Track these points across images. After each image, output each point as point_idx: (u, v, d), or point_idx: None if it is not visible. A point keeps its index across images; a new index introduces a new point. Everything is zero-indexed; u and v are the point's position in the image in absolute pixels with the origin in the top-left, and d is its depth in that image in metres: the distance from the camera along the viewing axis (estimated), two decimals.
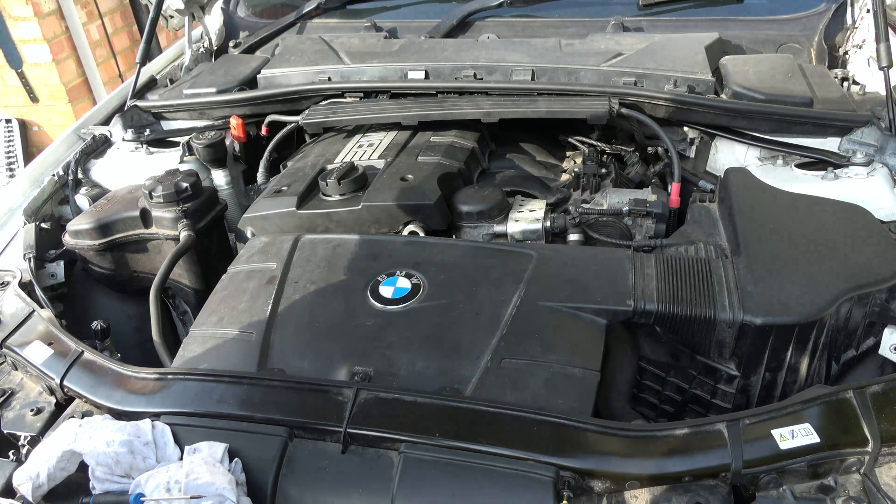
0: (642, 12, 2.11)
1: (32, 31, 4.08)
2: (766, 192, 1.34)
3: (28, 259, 1.41)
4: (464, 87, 1.71)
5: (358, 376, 1.03)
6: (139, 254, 1.55)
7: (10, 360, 1.17)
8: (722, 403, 1.16)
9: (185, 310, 1.61)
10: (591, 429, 0.90)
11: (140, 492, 0.86)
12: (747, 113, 1.54)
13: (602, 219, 1.45)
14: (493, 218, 1.42)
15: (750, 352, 1.08)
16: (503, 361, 1.03)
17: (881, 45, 1.55)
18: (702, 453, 0.86)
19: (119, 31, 4.72)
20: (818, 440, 0.85)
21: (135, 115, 1.90)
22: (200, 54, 2.29)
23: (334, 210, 1.40)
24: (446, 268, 1.21)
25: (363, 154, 1.61)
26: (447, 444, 0.89)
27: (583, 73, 1.73)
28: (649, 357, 1.21)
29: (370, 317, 1.13)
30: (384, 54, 1.91)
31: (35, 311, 1.22)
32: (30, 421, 1.07)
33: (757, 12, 2.09)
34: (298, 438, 0.93)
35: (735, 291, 1.09)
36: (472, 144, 1.65)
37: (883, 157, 1.46)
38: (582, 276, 1.17)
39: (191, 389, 1.01)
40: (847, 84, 1.73)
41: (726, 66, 1.73)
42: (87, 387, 1.06)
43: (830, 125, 1.50)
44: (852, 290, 1.08)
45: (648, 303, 1.09)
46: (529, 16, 2.18)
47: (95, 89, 4.49)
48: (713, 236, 1.31)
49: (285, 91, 1.80)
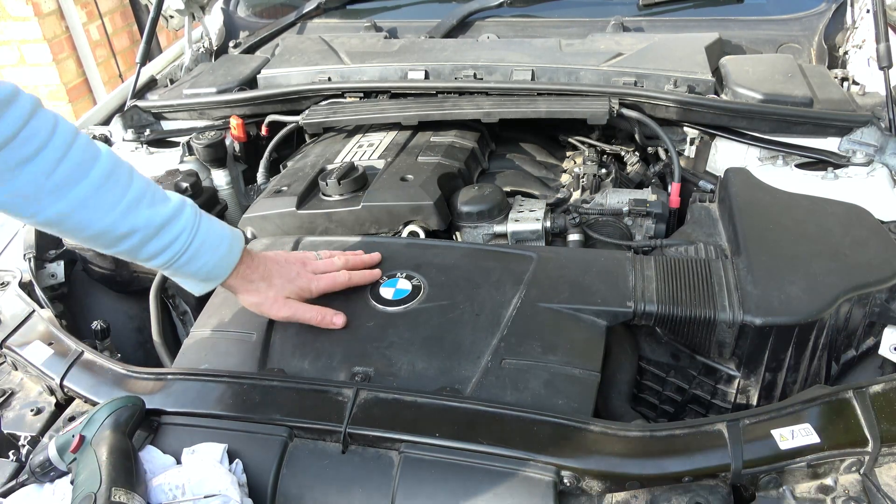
0: (642, 12, 2.11)
1: (32, 31, 4.08)
2: (766, 192, 1.34)
3: (28, 259, 1.41)
4: (464, 87, 1.71)
5: (358, 376, 1.03)
6: None
7: (10, 360, 1.17)
8: (722, 403, 1.16)
9: (185, 310, 1.61)
10: (591, 429, 0.90)
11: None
12: (747, 113, 1.54)
13: (602, 219, 1.45)
14: (493, 218, 1.42)
15: (750, 352, 1.08)
16: (503, 362, 1.03)
17: (881, 45, 1.55)
18: (702, 453, 0.87)
19: (119, 31, 4.72)
20: (818, 440, 0.85)
21: (135, 115, 1.90)
22: (200, 54, 2.29)
23: (334, 210, 1.40)
24: (447, 269, 1.22)
25: (363, 154, 1.61)
26: (447, 444, 0.89)
27: (583, 73, 1.73)
28: (649, 357, 1.21)
29: (371, 318, 1.14)
30: (384, 54, 1.91)
31: (35, 311, 1.22)
32: (30, 421, 1.07)
33: (757, 12, 2.09)
34: (298, 438, 0.93)
35: (735, 292, 1.09)
36: (472, 144, 1.65)
37: (883, 157, 1.46)
38: (582, 277, 1.17)
39: (191, 389, 1.01)
40: (847, 84, 1.73)
41: (726, 66, 1.73)
42: (87, 387, 1.06)
43: (830, 125, 1.51)
44: (852, 290, 1.08)
45: (649, 304, 1.09)
46: (529, 16, 2.18)
47: (95, 89, 4.50)
48: (713, 236, 1.31)
49: (285, 91, 1.80)
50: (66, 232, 0.94)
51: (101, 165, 0.92)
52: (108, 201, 0.93)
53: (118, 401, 0.92)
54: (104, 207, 0.92)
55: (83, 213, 0.91)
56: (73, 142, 0.90)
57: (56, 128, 0.89)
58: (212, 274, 1.06)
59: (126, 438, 0.88)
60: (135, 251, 0.98)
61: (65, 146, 0.89)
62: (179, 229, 1.00)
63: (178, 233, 1.00)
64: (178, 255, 1.01)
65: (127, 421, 0.91)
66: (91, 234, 0.94)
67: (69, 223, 0.92)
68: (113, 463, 0.83)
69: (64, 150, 0.89)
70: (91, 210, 0.92)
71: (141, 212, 0.96)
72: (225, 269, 1.07)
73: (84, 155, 0.91)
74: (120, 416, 0.90)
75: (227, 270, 1.07)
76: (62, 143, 0.89)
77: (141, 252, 0.99)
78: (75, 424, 0.91)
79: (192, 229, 1.01)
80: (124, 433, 0.89)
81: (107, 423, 0.89)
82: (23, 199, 0.87)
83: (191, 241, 1.01)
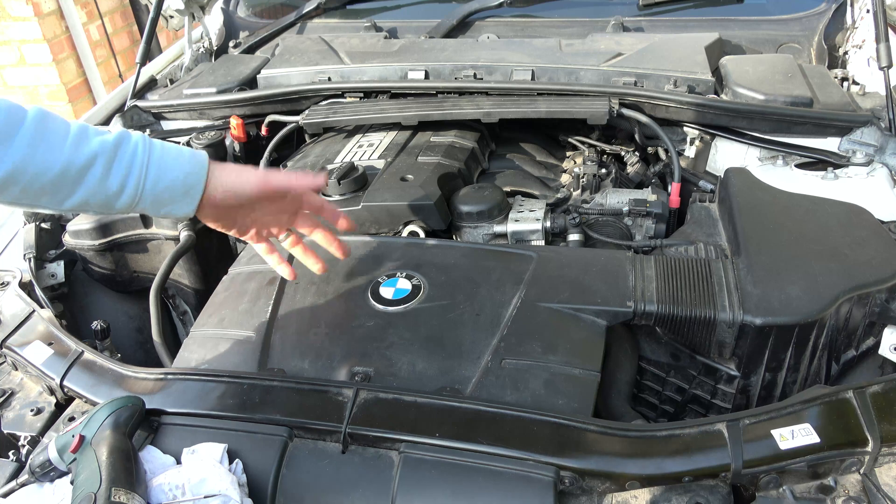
0: (642, 12, 2.11)
1: (32, 31, 4.08)
2: (766, 192, 1.34)
3: (28, 259, 1.42)
4: (464, 87, 1.71)
5: (358, 376, 1.03)
6: (139, 254, 1.55)
7: (10, 360, 1.17)
8: (722, 403, 1.16)
9: (185, 310, 1.61)
10: (591, 429, 0.90)
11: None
12: (747, 113, 1.54)
13: (602, 219, 1.45)
14: (493, 218, 1.42)
15: (750, 352, 1.08)
16: (503, 362, 1.03)
17: (881, 45, 1.55)
18: (702, 453, 0.86)
19: (119, 31, 4.72)
20: (818, 440, 0.85)
21: (135, 115, 1.90)
22: (200, 54, 2.29)
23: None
24: (447, 269, 1.22)
25: (363, 154, 1.61)
26: (447, 444, 0.89)
27: (583, 73, 1.73)
28: (649, 357, 1.21)
29: (371, 318, 1.14)
30: (384, 54, 1.91)
31: (35, 311, 1.22)
32: (30, 421, 1.07)
33: (757, 12, 2.09)
34: (298, 438, 0.93)
35: (735, 292, 1.09)
36: (472, 144, 1.65)
37: (883, 157, 1.46)
38: (582, 277, 1.17)
39: (191, 389, 1.01)
40: (847, 84, 1.73)
41: (726, 66, 1.73)
42: (87, 387, 1.06)
43: (830, 125, 1.51)
44: (852, 290, 1.08)
45: (648, 304, 1.09)
46: (529, 16, 2.18)
47: (95, 89, 4.50)
48: (713, 236, 1.31)
49: (285, 91, 1.80)
50: (30, 182, 0.91)
51: (31, 111, 0.91)
52: (54, 137, 0.91)
53: (118, 401, 0.92)
54: (54, 143, 0.91)
55: (36, 154, 0.89)
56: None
57: None
58: (190, 180, 1.00)
59: (126, 438, 0.88)
60: (103, 184, 0.95)
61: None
62: (134, 143, 0.97)
63: (133, 147, 0.97)
64: (143, 170, 0.97)
65: (127, 421, 0.91)
66: (56, 175, 0.92)
67: (30, 170, 0.89)
68: (113, 463, 0.83)
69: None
70: (42, 149, 0.90)
71: (91, 139, 0.94)
72: (199, 169, 1.01)
73: (10, 106, 0.90)
74: (120, 416, 0.90)
75: (202, 170, 1.01)
76: None
77: (109, 182, 0.95)
78: (75, 424, 0.91)
79: (145, 142, 0.98)
80: (124, 433, 0.89)
81: (107, 423, 0.89)
82: None
83: (149, 151, 0.98)
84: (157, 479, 0.86)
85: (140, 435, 0.94)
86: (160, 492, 0.85)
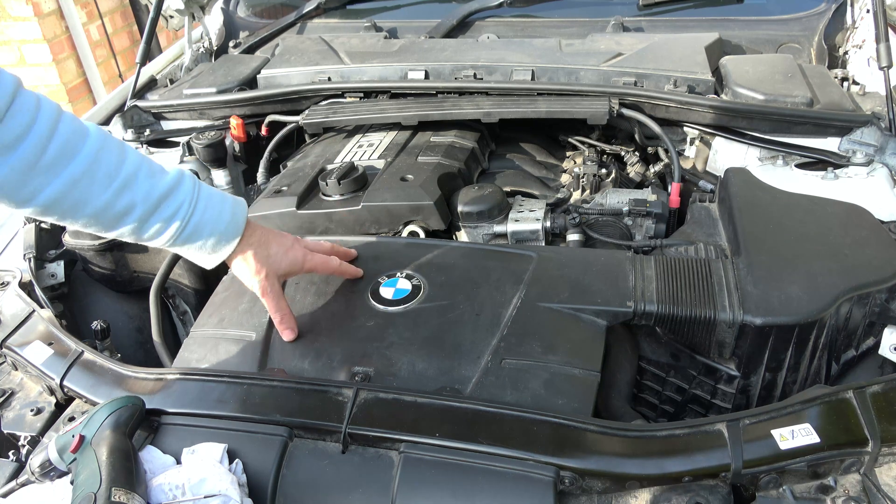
0: (642, 12, 2.11)
1: (32, 31, 4.08)
2: (766, 192, 1.34)
3: (28, 259, 1.42)
4: (464, 87, 1.71)
5: (358, 376, 1.03)
6: (139, 254, 1.55)
7: (10, 360, 1.17)
8: (722, 403, 1.16)
9: (185, 310, 1.61)
10: (591, 429, 0.90)
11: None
12: (747, 113, 1.54)
13: (602, 219, 1.45)
14: (493, 218, 1.42)
15: (750, 352, 1.08)
16: (503, 362, 1.03)
17: (881, 45, 1.55)
18: (702, 453, 0.86)
19: (119, 31, 4.72)
20: (818, 440, 0.85)
21: (135, 115, 1.90)
22: (200, 54, 2.29)
23: (334, 210, 1.40)
24: (447, 269, 1.22)
25: (363, 154, 1.61)
26: (447, 444, 0.89)
27: (583, 73, 1.73)
28: (649, 357, 1.21)
29: (371, 318, 1.14)
30: (384, 54, 1.91)
31: (35, 311, 1.22)
32: (30, 421, 1.07)
33: (757, 12, 2.09)
34: (298, 438, 0.93)
35: (735, 292, 1.09)
36: (472, 144, 1.65)
37: (883, 157, 1.46)
38: (582, 277, 1.17)
39: (191, 389, 1.01)
40: (847, 84, 1.73)
41: (726, 66, 1.73)
42: (87, 387, 1.06)
43: (830, 125, 1.51)
44: (852, 290, 1.08)
45: (648, 304, 1.09)
46: (529, 16, 2.19)
47: (95, 89, 4.50)
48: (713, 236, 1.31)
49: (285, 91, 1.80)
50: (65, 213, 0.91)
51: (91, 140, 0.90)
52: (102, 175, 0.90)
53: (118, 401, 0.92)
54: (100, 182, 0.90)
55: (79, 190, 0.89)
56: (59, 118, 0.89)
57: (40, 105, 0.88)
58: (219, 245, 1.03)
59: (126, 438, 0.88)
60: (136, 230, 0.96)
61: (52, 122, 0.88)
62: (180, 201, 0.97)
63: (178, 205, 0.97)
64: (181, 228, 0.97)
65: (127, 421, 0.90)
66: (90, 213, 0.92)
67: (67, 202, 0.89)
68: (113, 463, 0.83)
69: (52, 125, 0.87)
70: (87, 186, 0.89)
71: (139, 185, 0.93)
72: (232, 236, 1.03)
73: (72, 130, 0.89)
74: (120, 416, 0.90)
75: (234, 238, 1.03)
76: (49, 119, 0.87)
77: (143, 230, 0.96)
78: (75, 424, 0.91)
79: (193, 200, 0.98)
80: (124, 433, 0.89)
81: (107, 423, 0.89)
82: (20, 176, 0.86)
83: (192, 211, 0.98)
84: (157, 479, 0.86)
85: (140, 435, 0.94)
86: (160, 492, 0.85)
